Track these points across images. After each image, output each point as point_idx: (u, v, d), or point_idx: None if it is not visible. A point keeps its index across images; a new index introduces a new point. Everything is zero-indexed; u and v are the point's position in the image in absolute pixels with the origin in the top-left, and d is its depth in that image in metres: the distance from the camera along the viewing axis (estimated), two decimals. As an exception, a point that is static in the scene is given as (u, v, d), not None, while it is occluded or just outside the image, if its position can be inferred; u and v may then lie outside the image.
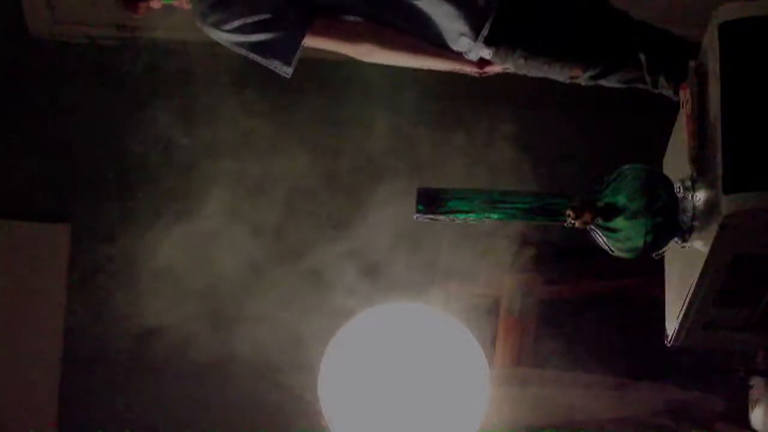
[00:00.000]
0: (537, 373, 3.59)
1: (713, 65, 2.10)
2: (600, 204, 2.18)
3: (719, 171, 2.01)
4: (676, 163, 2.30)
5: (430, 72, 4.21)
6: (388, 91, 4.14)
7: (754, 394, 3.13)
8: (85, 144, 4.25)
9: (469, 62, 2.89)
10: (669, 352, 2.47)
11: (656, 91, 2.84)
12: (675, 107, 2.30)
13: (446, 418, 3.26)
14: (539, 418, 3.48)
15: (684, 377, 3.52)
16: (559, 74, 2.90)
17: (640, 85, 2.88)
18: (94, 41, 4.13)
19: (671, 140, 2.43)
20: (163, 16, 3.76)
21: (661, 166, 2.46)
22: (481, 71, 2.92)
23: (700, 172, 2.14)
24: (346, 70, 4.13)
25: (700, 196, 2.14)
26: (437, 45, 2.84)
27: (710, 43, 2.13)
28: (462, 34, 2.80)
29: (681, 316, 2.29)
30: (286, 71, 2.85)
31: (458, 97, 4.23)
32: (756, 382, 3.12)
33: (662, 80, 2.79)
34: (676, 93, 2.63)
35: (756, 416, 3.12)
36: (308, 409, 3.46)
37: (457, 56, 2.87)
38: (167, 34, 4.08)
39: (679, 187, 2.19)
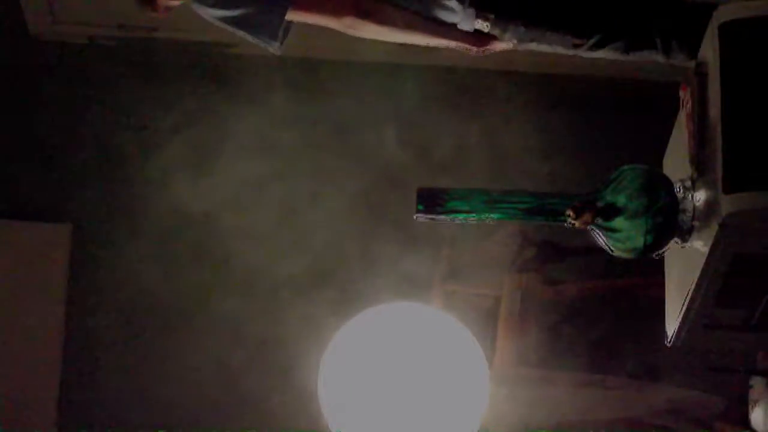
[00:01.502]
0: (537, 373, 3.59)
1: (713, 65, 2.10)
2: (600, 204, 2.18)
3: (719, 171, 2.01)
4: (676, 163, 2.30)
5: (428, 72, 4.21)
6: (388, 86, 4.15)
7: (754, 394, 3.13)
8: (86, 144, 4.25)
9: (467, 38, 2.74)
10: (669, 352, 2.47)
11: (669, 59, 2.68)
12: (675, 107, 2.30)
13: (446, 418, 3.26)
14: (539, 418, 3.48)
15: (684, 377, 3.52)
16: (561, 42, 2.74)
17: (650, 53, 2.71)
18: (94, 41, 4.13)
19: (671, 140, 2.43)
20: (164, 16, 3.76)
21: (661, 166, 2.46)
22: (481, 48, 2.78)
23: (700, 172, 2.14)
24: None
25: (700, 196, 2.14)
26: (429, 17, 2.72)
27: (710, 43, 2.13)
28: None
29: (681, 316, 2.28)
30: (274, 47, 2.76)
31: (456, 98, 4.24)
32: (756, 382, 3.11)
33: (675, 46, 2.65)
34: (691, 57, 2.41)
35: (756, 416, 3.12)
36: (308, 408, 3.46)
37: (452, 30, 2.74)
38: (168, 34, 4.08)
39: (679, 187, 2.19)
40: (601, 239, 2.21)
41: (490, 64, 4.13)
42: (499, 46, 2.76)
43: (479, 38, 2.76)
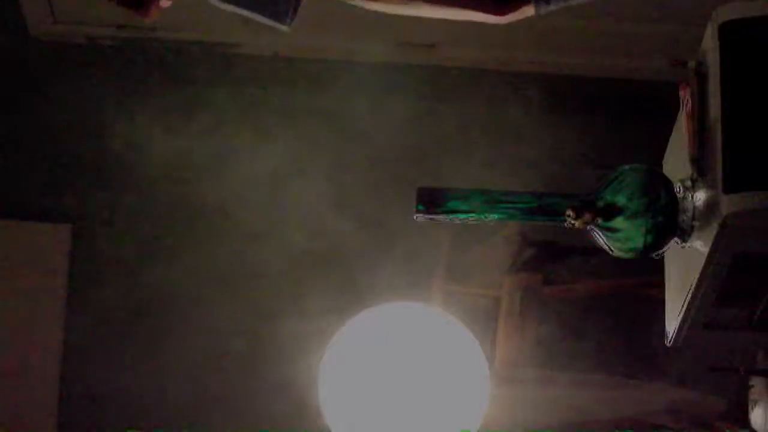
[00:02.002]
0: (537, 373, 3.59)
1: (713, 65, 2.10)
2: (600, 204, 2.18)
3: (719, 171, 2.01)
4: (676, 163, 2.30)
5: (425, 71, 4.21)
6: (388, 86, 4.15)
7: (754, 394, 3.13)
8: (86, 143, 4.25)
9: (487, 6, 2.46)
10: (669, 352, 2.47)
11: None
12: (675, 107, 2.30)
13: (446, 418, 3.26)
14: (539, 418, 3.48)
15: (684, 377, 3.52)
16: None
17: None
18: (94, 41, 4.13)
19: (671, 140, 2.43)
20: (165, 16, 3.75)
21: (661, 166, 2.45)
22: (503, 16, 2.48)
23: (700, 172, 2.14)
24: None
25: (700, 196, 2.14)
26: None
27: (710, 43, 2.13)
28: None
29: (681, 316, 2.29)
30: (284, 25, 2.60)
31: (456, 98, 4.23)
32: (756, 382, 3.11)
33: None
34: None
35: (756, 416, 3.12)
36: (308, 408, 3.46)
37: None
38: (168, 34, 4.08)
39: (679, 187, 2.19)
40: (601, 239, 2.21)
41: (490, 65, 4.13)
42: (521, 11, 2.49)
43: (500, 4, 2.50)
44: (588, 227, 2.19)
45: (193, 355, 4.08)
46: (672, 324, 2.36)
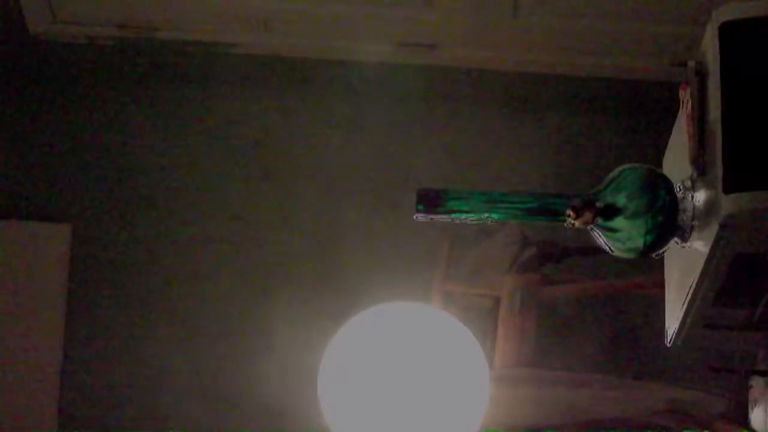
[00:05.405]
0: (537, 373, 3.59)
1: (713, 65, 2.10)
2: (600, 204, 2.18)
3: (719, 171, 2.01)
4: (676, 163, 2.30)
5: (428, 72, 4.22)
6: (388, 86, 4.15)
7: (754, 394, 3.13)
8: (86, 143, 4.25)
9: None
10: (669, 352, 2.46)
11: None
12: (675, 107, 2.30)
13: (446, 419, 3.26)
14: (539, 418, 3.48)
15: (684, 377, 3.52)
16: None
17: None
18: (94, 41, 4.14)
19: (671, 140, 2.42)
20: (165, 16, 3.77)
21: (661, 166, 2.45)
22: None
23: (700, 172, 2.14)
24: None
25: (700, 196, 2.14)
26: None
27: (710, 43, 2.13)
28: None
29: (681, 316, 2.28)
30: None
31: (455, 98, 4.24)
32: (756, 382, 3.11)
33: None
34: None
35: (756, 416, 3.11)
36: (307, 408, 3.46)
37: None
38: (168, 34, 4.09)
39: (679, 187, 2.18)
40: (601, 239, 2.20)
41: (490, 66, 4.14)
42: None
43: None
44: (588, 227, 2.19)
45: (193, 355, 4.08)
46: (672, 324, 2.36)
